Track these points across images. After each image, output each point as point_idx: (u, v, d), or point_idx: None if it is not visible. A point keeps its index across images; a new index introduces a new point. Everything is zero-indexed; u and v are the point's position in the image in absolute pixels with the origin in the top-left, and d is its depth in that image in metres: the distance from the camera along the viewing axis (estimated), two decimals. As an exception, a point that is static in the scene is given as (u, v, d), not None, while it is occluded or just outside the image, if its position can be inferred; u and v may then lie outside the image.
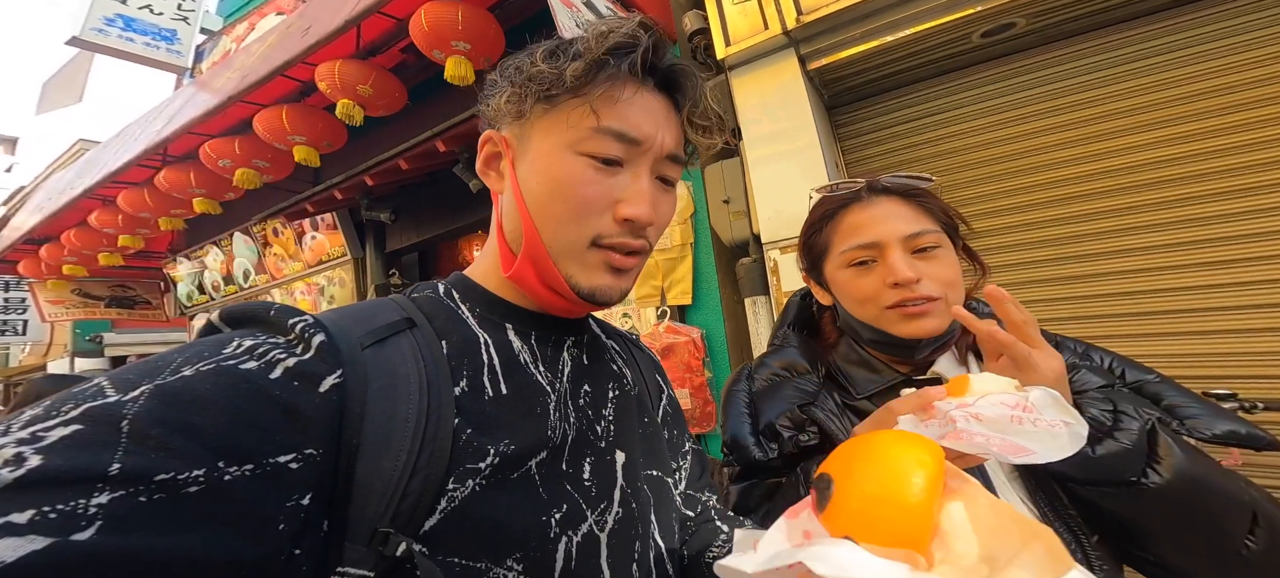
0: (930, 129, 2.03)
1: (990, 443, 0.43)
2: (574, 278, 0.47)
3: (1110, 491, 0.54)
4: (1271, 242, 1.51)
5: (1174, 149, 1.66)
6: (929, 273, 0.69)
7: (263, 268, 4.31)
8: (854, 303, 0.75)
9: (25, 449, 0.26)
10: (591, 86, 0.45)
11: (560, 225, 0.47)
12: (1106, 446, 0.54)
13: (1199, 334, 1.58)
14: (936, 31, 1.77)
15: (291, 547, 0.32)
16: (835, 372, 0.78)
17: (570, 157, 0.46)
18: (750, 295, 2.00)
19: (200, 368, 0.32)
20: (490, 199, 0.55)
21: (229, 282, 4.58)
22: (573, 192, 0.46)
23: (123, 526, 0.26)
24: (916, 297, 0.68)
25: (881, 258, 0.71)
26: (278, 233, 4.07)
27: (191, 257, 4.70)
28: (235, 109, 2.49)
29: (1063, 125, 1.82)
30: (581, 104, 0.46)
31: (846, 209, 0.76)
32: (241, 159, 2.64)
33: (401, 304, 0.47)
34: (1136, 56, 1.73)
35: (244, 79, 2.37)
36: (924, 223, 0.71)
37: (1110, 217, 1.72)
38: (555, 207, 0.46)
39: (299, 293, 4.11)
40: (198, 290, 4.88)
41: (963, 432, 0.45)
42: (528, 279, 0.49)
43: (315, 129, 2.54)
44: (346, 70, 2.20)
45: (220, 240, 4.42)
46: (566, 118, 0.46)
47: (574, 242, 0.47)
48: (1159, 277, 1.65)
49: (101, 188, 3.23)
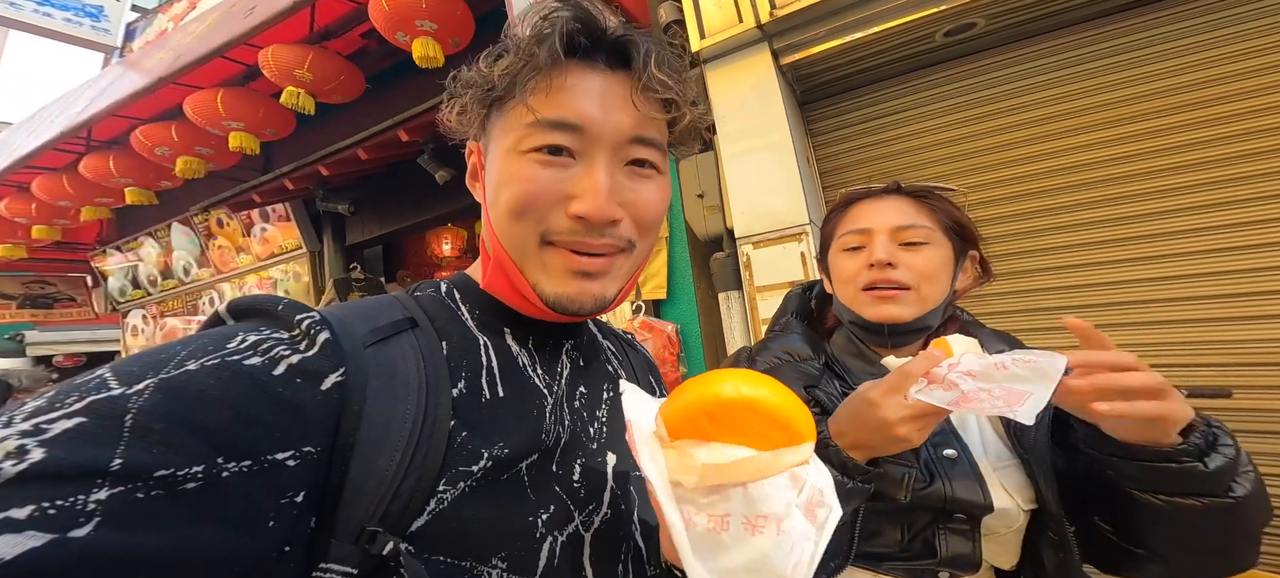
0: (897, 126, 2.09)
1: (995, 396, 0.48)
2: (539, 285, 0.45)
3: (1186, 502, 0.54)
4: (1211, 236, 1.63)
5: (1125, 147, 1.76)
6: (907, 262, 0.74)
7: (206, 261, 4.03)
8: (839, 283, 0.81)
9: (28, 442, 0.26)
10: (523, 81, 0.43)
11: (511, 225, 0.45)
12: (1215, 460, 0.52)
13: (1146, 324, 1.69)
14: (901, 30, 1.81)
15: (282, 544, 0.32)
16: (833, 361, 0.82)
17: (515, 157, 0.44)
18: (723, 290, 2.01)
19: (205, 362, 0.32)
20: (458, 191, 0.52)
21: (168, 275, 4.27)
22: (517, 188, 0.44)
23: (120, 522, 0.26)
24: (887, 280, 0.73)
25: (868, 243, 0.77)
26: (222, 223, 3.81)
27: (123, 249, 4.34)
28: (169, 92, 2.29)
29: (1020, 123, 1.90)
30: (519, 102, 0.44)
31: (858, 202, 0.82)
32: (181, 146, 2.44)
33: (405, 303, 0.46)
34: (1092, 57, 1.82)
35: (178, 59, 2.19)
36: (919, 219, 0.76)
37: (1065, 212, 1.81)
38: (504, 205, 0.45)
39: (250, 286, 3.87)
40: (132, 285, 4.52)
41: (969, 393, 0.50)
42: (502, 287, 0.49)
43: (255, 115, 2.37)
44: (283, 54, 2.04)
45: (155, 231, 4.10)
46: (509, 119, 0.45)
47: (526, 242, 0.45)
48: (1105, 270, 1.75)
49: (13, 173, 2.92)
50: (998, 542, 0.67)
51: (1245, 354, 1.56)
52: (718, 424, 0.35)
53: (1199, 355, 1.62)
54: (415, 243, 3.56)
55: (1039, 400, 0.47)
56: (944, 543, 0.66)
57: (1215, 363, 1.59)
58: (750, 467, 0.34)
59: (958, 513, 0.65)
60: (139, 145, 2.45)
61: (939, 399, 0.52)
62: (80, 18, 3.85)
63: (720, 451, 0.35)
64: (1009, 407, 0.47)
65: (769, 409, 0.35)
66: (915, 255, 0.75)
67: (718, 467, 0.34)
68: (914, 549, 0.67)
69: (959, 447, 0.70)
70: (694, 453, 0.35)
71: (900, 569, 0.68)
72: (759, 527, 0.34)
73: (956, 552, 0.65)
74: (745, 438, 0.35)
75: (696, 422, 0.36)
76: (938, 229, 0.76)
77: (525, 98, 0.43)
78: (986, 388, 0.50)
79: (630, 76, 0.45)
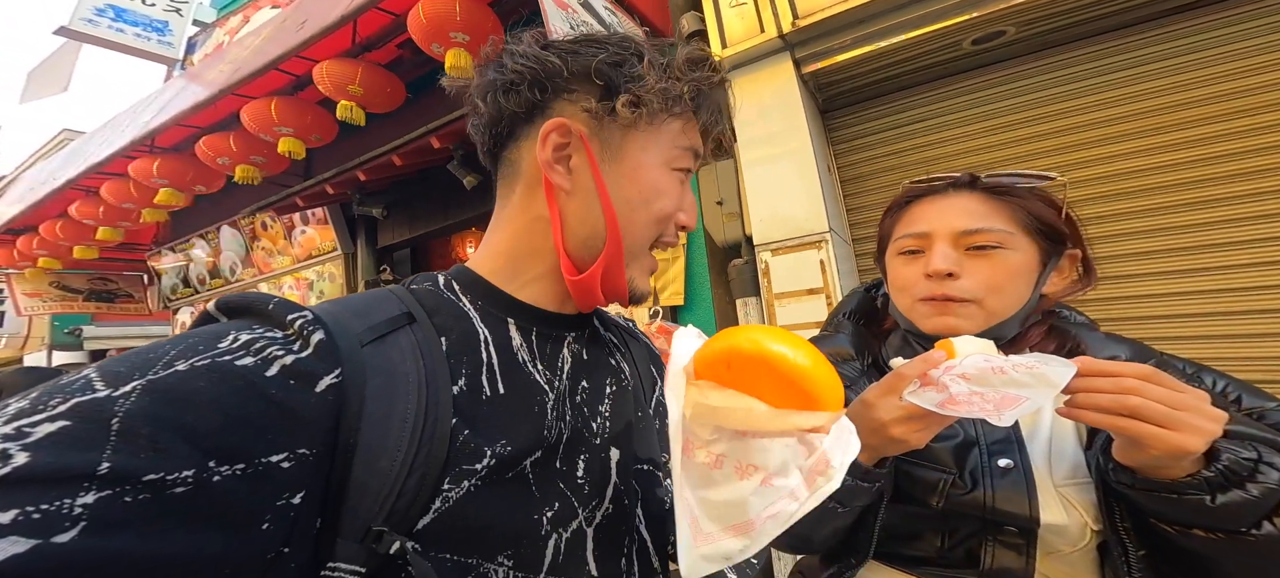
0: (920, 134, 2.06)
1: (986, 400, 0.47)
2: (635, 281, 0.52)
3: (1202, 535, 0.49)
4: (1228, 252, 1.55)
5: (1152, 159, 1.70)
6: (972, 271, 0.65)
7: (250, 262, 4.26)
8: (896, 291, 0.75)
9: (10, 445, 0.25)
10: (683, 109, 0.50)
11: (641, 231, 0.51)
12: (1230, 495, 0.47)
13: (1190, 339, 1.62)
14: (929, 38, 1.80)
15: (279, 545, 0.32)
16: (880, 360, 0.77)
17: (667, 171, 0.51)
18: (741, 296, 2.01)
19: (194, 363, 0.31)
20: (482, 196, 0.55)
21: (216, 275, 4.52)
22: (662, 202, 0.51)
23: (106, 528, 0.25)
24: (944, 293, 0.66)
25: (928, 248, 0.69)
26: (266, 227, 4.03)
27: (176, 250, 4.62)
28: (226, 102, 2.47)
29: (1047, 133, 1.86)
30: (677, 123, 0.51)
31: (919, 200, 0.74)
32: (239, 155, 2.61)
33: (401, 298, 0.45)
34: (1122, 66, 1.77)
35: (236, 72, 2.35)
36: (990, 221, 0.66)
37: (1096, 223, 1.75)
38: (643, 214, 0.50)
39: (288, 287, 4.06)
40: (182, 283, 4.80)
41: (957, 396, 0.49)
42: (592, 286, 0.50)
43: (303, 121, 2.51)
44: (336, 70, 2.18)
45: (206, 233, 4.36)
46: (664, 133, 0.50)
47: (643, 245, 0.52)
48: (1139, 283, 1.68)
49: (85, 178, 3.17)
50: (1062, 561, 0.60)
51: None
52: (734, 373, 0.37)
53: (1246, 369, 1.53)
54: (441, 246, 3.68)
55: (1031, 406, 0.46)
56: (990, 554, 0.61)
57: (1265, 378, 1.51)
58: (746, 417, 0.37)
59: (1007, 525, 0.60)
60: (202, 155, 2.64)
61: (929, 402, 0.51)
62: (149, 33, 4.18)
63: (731, 397, 0.37)
64: (997, 412, 0.46)
65: (784, 370, 0.36)
66: (983, 262, 0.66)
67: (720, 410, 0.37)
68: (954, 558, 0.63)
69: (1017, 457, 0.63)
70: (709, 395, 0.37)
71: (935, 576, 0.64)
72: (748, 474, 0.37)
73: (1004, 566, 0.60)
74: (757, 391, 0.37)
75: (716, 368, 0.38)
76: (1017, 230, 0.66)
77: (684, 122, 0.52)
78: (979, 391, 0.49)
79: None
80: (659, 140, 0.50)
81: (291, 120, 2.47)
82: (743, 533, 0.36)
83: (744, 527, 0.37)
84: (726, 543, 0.37)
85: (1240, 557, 0.48)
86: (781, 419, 0.36)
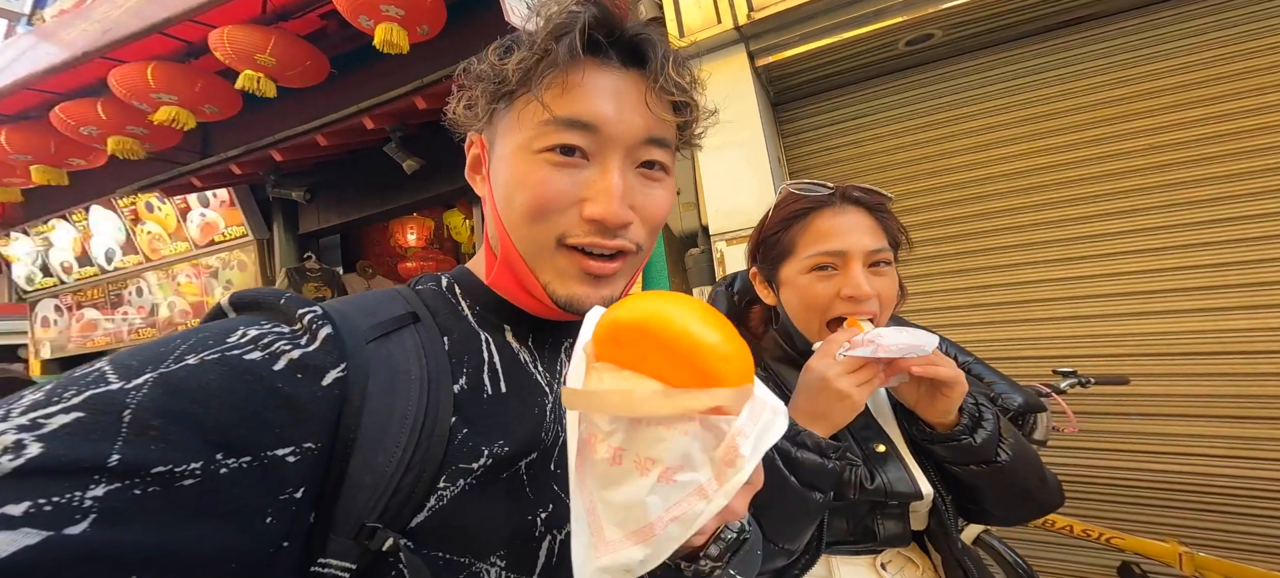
0: (857, 130, 2.21)
1: (903, 345, 0.63)
2: (551, 286, 0.45)
3: (975, 468, 0.70)
4: (1111, 241, 1.86)
5: (1040, 160, 1.96)
6: (877, 289, 0.73)
7: (133, 248, 3.69)
8: (802, 307, 0.76)
9: (25, 436, 0.25)
10: (538, 77, 0.42)
11: (526, 227, 0.44)
12: (979, 434, 0.68)
13: (1053, 320, 1.92)
14: (867, 38, 1.91)
15: (280, 539, 0.32)
16: (765, 366, 0.83)
17: (528, 155, 0.43)
18: (698, 285, 2.09)
19: (204, 357, 0.31)
20: (425, 179, 0.52)
21: (86, 262, 3.88)
22: (532, 192, 0.43)
23: (116, 519, 0.25)
24: (863, 313, 0.72)
25: (843, 267, 0.72)
26: (153, 208, 3.49)
27: (31, 233, 3.89)
28: (91, 65, 2.06)
29: (963, 133, 2.08)
30: (533, 98, 0.42)
31: (818, 213, 0.76)
32: (111, 125, 2.20)
33: (407, 297, 0.46)
34: (1028, 72, 2.00)
35: (106, 33, 1.97)
36: (882, 240, 0.74)
37: (1004, 215, 2.00)
38: (519, 209, 0.44)
39: (184, 276, 3.59)
40: (41, 272, 4.08)
41: (886, 344, 0.63)
42: (508, 285, 0.48)
43: (191, 90, 2.16)
44: (240, 36, 1.89)
45: (70, 214, 3.70)
46: (522, 115, 0.44)
47: (541, 243, 0.44)
48: (1021, 271, 1.96)
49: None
50: (918, 518, 0.77)
51: (1140, 345, 1.82)
52: (625, 350, 0.32)
53: (1101, 348, 1.87)
54: (377, 232, 3.40)
55: (931, 349, 0.64)
56: (881, 527, 0.75)
57: (1115, 354, 1.85)
58: (627, 400, 0.31)
59: (892, 501, 0.73)
60: (60, 123, 2.19)
61: (863, 351, 0.64)
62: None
63: (623, 378, 0.32)
64: (916, 348, 0.62)
65: (667, 340, 0.31)
66: (881, 280, 0.72)
67: (602, 395, 0.31)
68: (858, 534, 0.76)
69: (885, 440, 0.75)
70: (603, 378, 0.32)
71: (847, 552, 0.76)
72: (647, 469, 0.31)
73: (892, 533, 0.75)
74: (650, 368, 0.31)
75: (607, 346, 0.33)
76: (889, 246, 0.75)
77: (540, 94, 0.42)
78: (896, 340, 0.63)
79: (644, 76, 0.44)
80: (516, 124, 0.44)
81: (177, 87, 2.10)
82: (644, 539, 0.31)
83: (644, 532, 0.31)
84: (628, 552, 0.32)
85: (1001, 482, 0.70)
86: (670, 401, 0.30)
